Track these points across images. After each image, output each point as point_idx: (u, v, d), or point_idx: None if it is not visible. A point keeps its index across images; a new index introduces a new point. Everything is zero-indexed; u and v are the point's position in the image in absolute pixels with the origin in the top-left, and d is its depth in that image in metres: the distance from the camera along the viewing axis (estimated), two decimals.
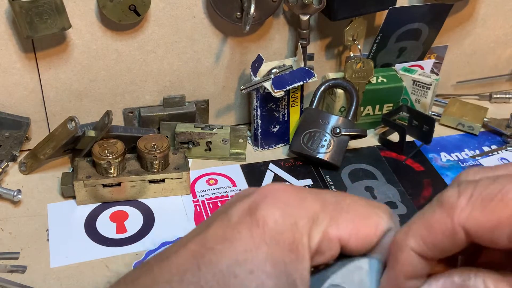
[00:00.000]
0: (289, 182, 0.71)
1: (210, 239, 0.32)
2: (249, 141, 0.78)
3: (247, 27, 0.67)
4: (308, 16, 0.71)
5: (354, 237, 0.32)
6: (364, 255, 0.33)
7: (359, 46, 0.76)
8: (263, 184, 0.70)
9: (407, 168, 0.75)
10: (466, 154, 0.78)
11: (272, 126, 0.76)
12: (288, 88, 0.70)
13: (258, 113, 0.74)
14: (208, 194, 0.70)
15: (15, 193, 0.65)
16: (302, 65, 0.73)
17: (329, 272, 0.32)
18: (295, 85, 0.71)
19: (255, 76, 0.72)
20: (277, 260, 0.30)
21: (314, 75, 0.72)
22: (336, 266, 0.33)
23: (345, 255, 0.33)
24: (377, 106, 0.79)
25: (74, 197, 0.67)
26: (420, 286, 0.32)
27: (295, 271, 0.31)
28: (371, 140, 0.80)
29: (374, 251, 0.33)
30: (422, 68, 0.82)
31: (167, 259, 0.32)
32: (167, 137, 0.70)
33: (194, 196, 0.69)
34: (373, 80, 0.77)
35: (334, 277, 0.32)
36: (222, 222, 0.32)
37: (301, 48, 0.73)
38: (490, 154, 0.78)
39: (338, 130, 0.73)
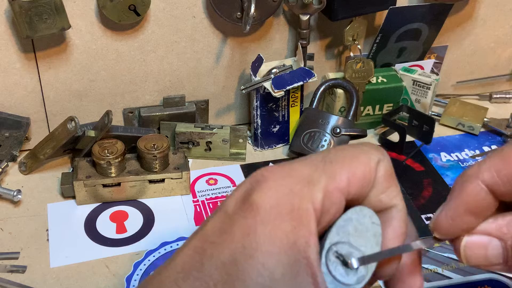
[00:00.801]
0: None
1: (210, 233, 0.32)
2: (249, 141, 0.78)
3: (247, 27, 0.67)
4: (308, 16, 0.71)
5: (352, 181, 0.32)
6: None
7: (359, 46, 0.76)
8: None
9: (407, 168, 0.75)
10: (466, 154, 0.78)
11: (272, 126, 0.76)
12: (288, 88, 0.70)
13: (258, 113, 0.74)
14: (208, 194, 0.70)
15: (15, 193, 0.65)
16: (302, 65, 0.73)
17: (325, 234, 0.32)
18: (295, 85, 0.71)
19: (255, 76, 0.72)
20: (277, 235, 0.30)
21: (314, 75, 0.71)
22: (328, 228, 0.32)
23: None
24: (377, 106, 0.79)
25: (74, 197, 0.67)
26: (475, 226, 0.33)
27: (300, 238, 0.30)
28: (371, 140, 0.79)
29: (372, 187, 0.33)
30: (422, 68, 0.82)
31: (173, 260, 0.32)
32: (167, 137, 0.70)
33: (194, 196, 0.69)
34: (373, 80, 0.77)
35: (331, 237, 0.32)
36: (219, 215, 0.32)
37: (301, 48, 0.73)
38: None
39: (338, 130, 0.73)
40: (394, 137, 0.78)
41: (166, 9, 0.68)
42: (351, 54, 0.77)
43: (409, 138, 0.79)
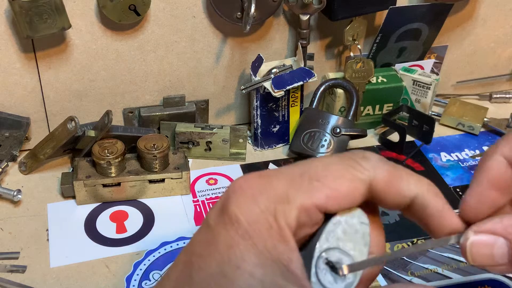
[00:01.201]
0: None
1: (196, 246, 0.32)
2: (249, 141, 0.78)
3: (247, 27, 0.67)
4: (308, 16, 0.71)
5: (332, 197, 0.32)
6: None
7: (359, 46, 0.76)
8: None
9: (407, 168, 0.75)
10: (466, 154, 0.78)
11: (272, 126, 0.76)
12: (288, 88, 0.70)
13: (258, 113, 0.74)
14: (208, 194, 0.70)
15: (15, 193, 0.65)
16: (302, 65, 0.73)
17: (314, 242, 0.32)
18: (295, 85, 0.71)
19: (255, 76, 0.72)
20: (259, 249, 0.30)
21: (314, 75, 0.71)
22: (318, 233, 0.32)
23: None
24: (377, 106, 0.79)
25: (74, 197, 0.67)
26: (500, 203, 0.34)
27: (282, 254, 0.31)
28: (371, 140, 0.79)
29: None
30: (422, 68, 0.82)
31: (167, 275, 0.33)
32: (167, 137, 0.70)
33: (194, 196, 0.69)
34: (373, 80, 0.77)
35: (320, 244, 0.32)
36: (203, 227, 0.33)
37: (301, 48, 0.73)
38: None
39: (338, 130, 0.73)
40: (394, 137, 0.78)
41: (166, 9, 0.68)
42: (351, 54, 0.77)
43: (409, 138, 0.79)
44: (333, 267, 0.32)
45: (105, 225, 0.65)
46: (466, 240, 0.34)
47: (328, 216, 0.33)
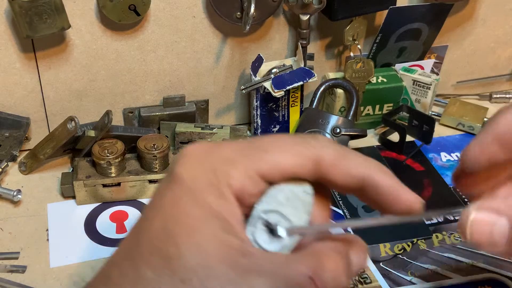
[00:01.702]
0: None
1: (145, 212, 0.34)
2: None
3: (247, 27, 0.67)
4: (308, 16, 0.71)
5: (276, 169, 0.33)
6: None
7: (359, 46, 0.76)
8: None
9: (407, 168, 0.75)
10: None
11: (272, 126, 0.76)
12: (288, 88, 0.70)
13: (258, 113, 0.74)
14: None
15: (15, 193, 0.65)
16: (302, 65, 0.73)
17: (256, 204, 0.33)
18: (295, 85, 0.71)
19: (255, 76, 0.72)
20: (201, 204, 0.32)
21: (314, 75, 0.71)
22: (261, 197, 0.34)
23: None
24: (377, 106, 0.79)
25: (74, 197, 0.67)
26: (499, 159, 0.36)
27: (223, 209, 0.32)
28: (371, 140, 0.79)
29: None
30: (422, 68, 0.82)
31: (119, 246, 0.36)
32: (167, 137, 0.70)
33: None
34: (373, 80, 0.77)
35: (261, 206, 0.33)
36: (153, 195, 0.34)
37: (301, 48, 0.73)
38: None
39: (338, 130, 0.73)
40: (394, 137, 0.78)
41: (166, 9, 0.68)
42: (351, 54, 0.77)
43: (409, 138, 0.78)
44: (271, 229, 0.32)
45: (105, 225, 0.65)
46: (467, 216, 0.35)
47: None
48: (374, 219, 0.35)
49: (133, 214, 0.66)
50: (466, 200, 0.69)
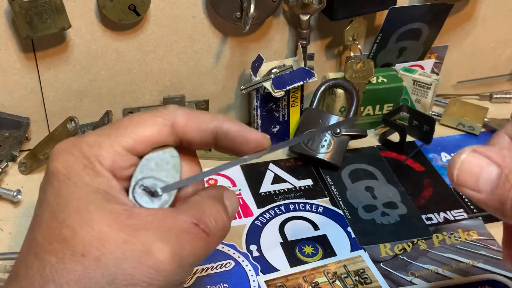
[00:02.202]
0: (289, 182, 0.71)
1: (34, 211, 0.37)
2: None
3: (247, 27, 0.67)
4: (308, 16, 0.71)
5: (138, 141, 0.37)
6: None
7: (359, 46, 0.76)
8: (263, 184, 0.70)
9: (408, 168, 0.75)
10: None
11: (272, 126, 0.76)
12: (288, 88, 0.70)
13: (258, 113, 0.74)
14: None
15: (14, 193, 0.65)
16: (302, 65, 0.73)
17: (132, 176, 0.38)
18: (295, 85, 0.71)
19: (255, 76, 0.72)
20: (79, 186, 0.35)
21: (314, 75, 0.71)
22: (135, 169, 0.38)
23: None
24: (377, 106, 0.79)
25: None
26: None
27: (100, 184, 0.35)
28: (371, 140, 0.79)
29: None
30: (422, 68, 0.82)
31: (21, 248, 0.37)
32: None
33: None
34: (373, 80, 0.77)
35: (135, 176, 0.37)
36: (38, 196, 0.38)
37: (301, 48, 0.73)
38: None
39: (338, 130, 0.73)
40: (395, 137, 0.78)
41: (166, 9, 0.68)
42: (351, 54, 0.76)
43: (409, 138, 0.78)
44: (150, 192, 0.37)
45: None
46: (459, 155, 0.37)
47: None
48: (231, 162, 0.40)
49: None
50: (466, 200, 0.69)
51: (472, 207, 0.68)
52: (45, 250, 0.34)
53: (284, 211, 0.67)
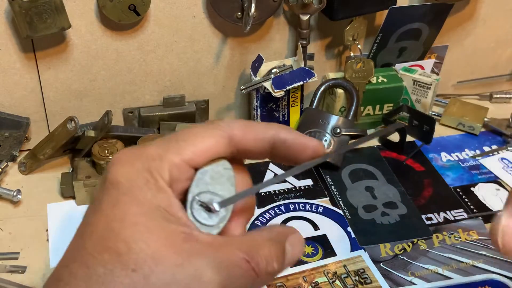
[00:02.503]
0: (289, 182, 0.71)
1: (86, 218, 0.36)
2: None
3: (248, 27, 0.67)
4: (308, 16, 0.71)
5: (197, 153, 0.37)
6: None
7: (359, 46, 0.76)
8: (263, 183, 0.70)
9: (408, 168, 0.75)
10: (467, 154, 0.78)
11: None
12: (288, 88, 0.70)
13: (258, 113, 0.74)
14: None
15: (14, 193, 0.65)
16: (302, 65, 0.73)
17: (189, 190, 0.37)
18: (295, 85, 0.71)
19: (255, 76, 0.72)
20: (140, 201, 0.34)
21: (314, 75, 0.71)
22: (191, 183, 0.38)
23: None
24: (378, 106, 0.79)
25: (74, 197, 0.67)
26: None
27: (161, 201, 0.35)
28: (371, 140, 0.79)
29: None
30: (422, 68, 0.82)
31: (64, 253, 0.37)
32: None
33: None
34: (373, 80, 0.77)
35: (192, 191, 0.37)
36: (91, 202, 0.37)
37: (301, 48, 0.73)
38: (490, 154, 0.78)
39: (338, 130, 0.73)
40: (395, 137, 0.78)
41: (166, 9, 0.68)
42: (351, 54, 0.76)
43: (409, 138, 0.78)
44: (207, 207, 0.37)
45: None
46: (498, 223, 0.37)
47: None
48: (290, 171, 0.40)
49: None
50: (466, 200, 0.69)
51: (472, 207, 0.68)
52: (94, 259, 0.34)
53: (284, 211, 0.67)
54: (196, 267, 0.34)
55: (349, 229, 0.64)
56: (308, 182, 0.71)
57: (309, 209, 0.67)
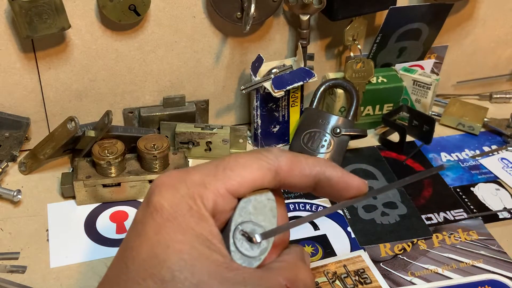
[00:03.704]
0: None
1: (128, 241, 0.36)
2: (249, 141, 0.78)
3: (247, 27, 0.67)
4: (308, 16, 0.71)
5: (242, 184, 0.37)
6: None
7: (359, 46, 0.76)
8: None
9: (407, 168, 0.75)
10: (466, 154, 0.78)
11: (272, 126, 0.76)
12: (288, 88, 0.70)
13: (258, 113, 0.74)
14: None
15: (15, 193, 0.65)
16: (302, 65, 0.73)
17: (230, 218, 0.38)
18: (295, 85, 0.71)
19: (255, 76, 0.72)
20: (184, 228, 0.35)
21: (314, 75, 0.71)
22: (233, 212, 0.38)
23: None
24: (377, 106, 0.79)
25: (74, 197, 0.67)
26: None
27: (204, 230, 0.35)
28: (371, 140, 0.79)
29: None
30: (422, 68, 0.82)
31: (105, 275, 0.37)
32: (167, 137, 0.70)
33: None
34: (373, 80, 0.77)
35: (235, 219, 0.37)
36: (132, 225, 0.37)
37: (301, 48, 0.73)
38: (490, 154, 0.78)
39: (338, 130, 0.73)
40: (394, 137, 0.78)
41: (166, 9, 0.68)
42: (351, 54, 0.77)
43: (409, 138, 0.79)
44: (249, 237, 0.37)
45: (105, 225, 0.64)
46: None
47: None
48: (332, 207, 0.40)
49: (133, 214, 0.66)
50: (466, 200, 0.69)
51: (472, 207, 0.68)
52: (138, 285, 0.34)
53: None
54: None
55: (349, 229, 0.64)
56: None
57: (309, 209, 0.67)
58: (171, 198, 0.35)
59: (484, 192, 0.71)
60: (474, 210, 0.68)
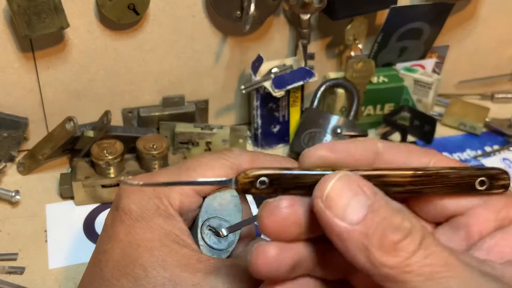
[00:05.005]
0: None
1: (100, 246, 0.38)
2: (249, 141, 0.78)
3: (247, 27, 0.67)
4: (309, 15, 0.71)
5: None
6: None
7: (360, 46, 0.76)
8: None
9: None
10: (468, 154, 0.78)
11: (272, 126, 0.76)
12: (288, 87, 0.70)
13: (258, 113, 0.74)
14: None
15: (13, 194, 0.65)
16: (303, 65, 0.72)
17: (197, 215, 0.40)
18: (295, 84, 0.70)
19: (255, 75, 0.72)
20: (153, 227, 0.36)
21: (314, 75, 0.71)
22: (199, 209, 0.40)
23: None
24: (378, 106, 0.79)
25: (72, 198, 0.66)
26: None
27: (172, 227, 0.37)
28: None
29: None
30: (423, 67, 0.81)
31: (81, 280, 0.39)
32: (167, 137, 0.69)
33: None
34: (374, 79, 0.77)
35: (201, 216, 0.39)
36: (103, 231, 0.39)
37: (301, 48, 0.72)
38: (492, 154, 0.78)
39: (339, 130, 0.73)
40: (396, 137, 0.77)
41: (165, 8, 0.68)
42: (352, 53, 0.76)
43: (410, 138, 0.78)
44: (216, 231, 0.39)
45: None
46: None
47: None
48: None
49: None
50: None
51: None
52: (112, 286, 0.35)
53: None
54: (213, 284, 0.35)
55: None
56: None
57: None
58: (138, 200, 0.37)
59: None
60: None
